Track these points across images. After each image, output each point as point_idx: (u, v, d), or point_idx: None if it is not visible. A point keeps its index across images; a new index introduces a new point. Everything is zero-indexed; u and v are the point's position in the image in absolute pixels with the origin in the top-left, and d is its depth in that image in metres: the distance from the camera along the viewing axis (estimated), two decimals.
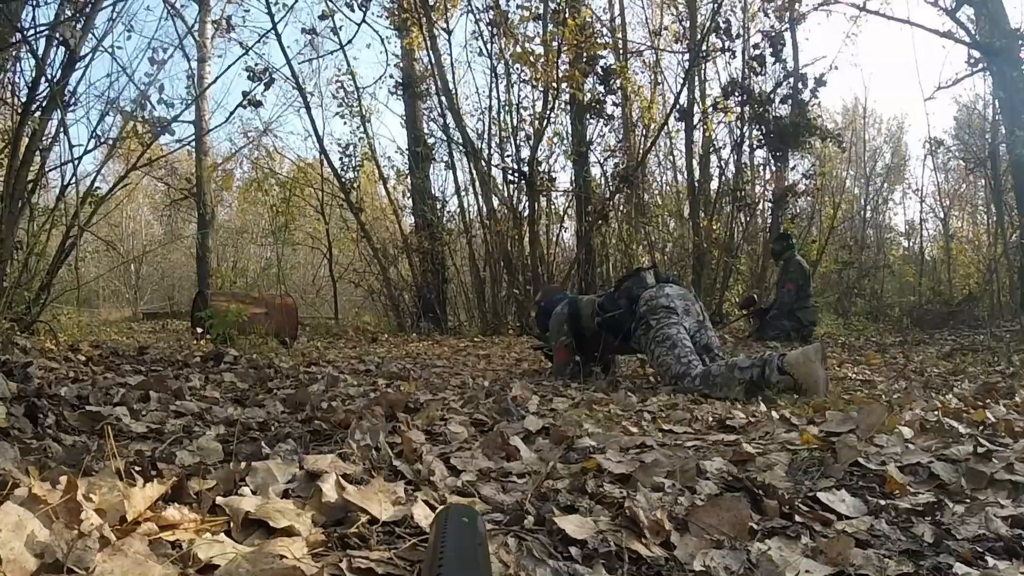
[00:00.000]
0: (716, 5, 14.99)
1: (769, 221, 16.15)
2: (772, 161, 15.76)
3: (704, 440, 2.86)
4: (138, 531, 1.42)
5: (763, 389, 4.68)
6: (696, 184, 15.95)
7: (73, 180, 7.63)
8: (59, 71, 7.19)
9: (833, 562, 1.57)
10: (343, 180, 15.20)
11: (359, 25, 12.19)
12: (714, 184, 16.11)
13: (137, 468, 1.95)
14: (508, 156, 14.57)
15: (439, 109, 15.53)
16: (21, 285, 6.64)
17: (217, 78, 11.59)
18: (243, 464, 2.05)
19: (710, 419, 3.46)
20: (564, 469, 2.30)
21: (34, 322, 6.54)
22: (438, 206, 16.07)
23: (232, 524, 1.58)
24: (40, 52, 7.13)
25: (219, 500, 1.68)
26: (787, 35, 15.73)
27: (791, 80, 15.41)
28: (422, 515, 1.68)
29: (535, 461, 2.46)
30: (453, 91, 15.03)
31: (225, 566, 1.31)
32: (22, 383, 3.27)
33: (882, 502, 1.99)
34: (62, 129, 7.46)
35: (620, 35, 17.23)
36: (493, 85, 14.70)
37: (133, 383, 4.02)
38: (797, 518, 1.84)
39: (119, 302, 26.85)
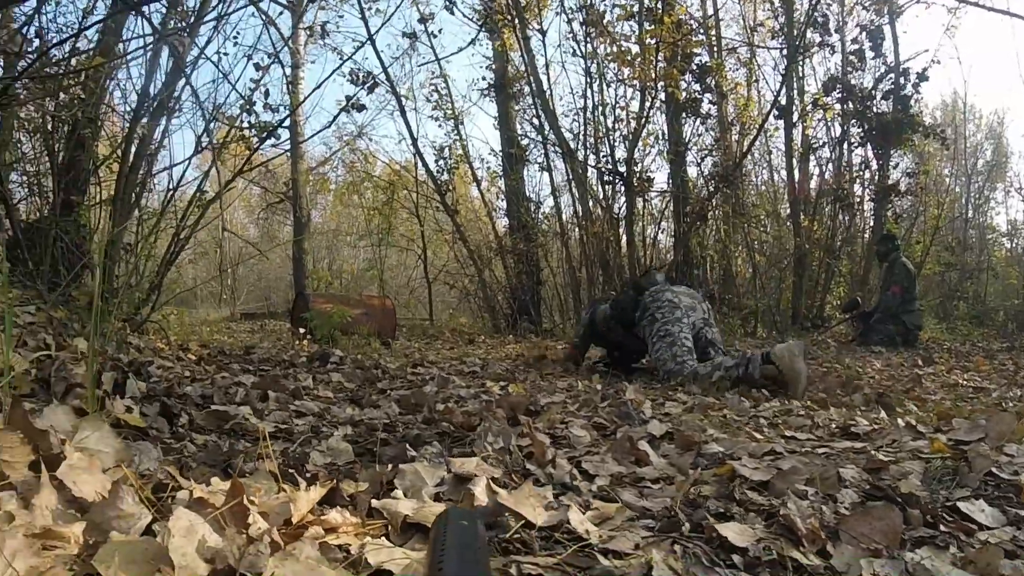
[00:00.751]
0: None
1: (871, 221, 15.82)
2: (874, 159, 15.39)
3: (831, 447, 2.81)
4: (306, 535, 1.42)
5: (747, 383, 5.17)
6: (795, 183, 15.69)
7: (179, 184, 7.79)
8: (166, 78, 7.34)
9: (983, 572, 1.54)
10: (438, 182, 15.27)
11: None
12: (813, 183, 15.85)
13: (291, 470, 1.96)
14: (604, 156, 14.47)
15: (533, 110, 15.52)
16: (131, 286, 6.75)
17: (320, 84, 11.68)
18: (389, 467, 2.07)
19: (833, 426, 3.40)
20: (699, 475, 2.28)
21: (144, 322, 6.65)
22: (532, 207, 16.10)
23: (390, 527, 1.59)
24: (148, 60, 7.28)
25: (375, 503, 1.69)
26: (886, 29, 15.41)
27: (892, 75, 15.05)
28: (578, 521, 1.67)
29: (666, 466, 2.45)
30: (547, 92, 14.94)
31: (400, 572, 1.31)
32: (148, 382, 3.33)
33: (1021, 512, 1.94)
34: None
35: (714, 32, 17.05)
36: (588, 85, 14.61)
37: (248, 383, 4.09)
38: (942, 527, 1.80)
39: (216, 302, 27.29)
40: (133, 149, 7.23)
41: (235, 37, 8.43)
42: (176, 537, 1.25)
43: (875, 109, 14.71)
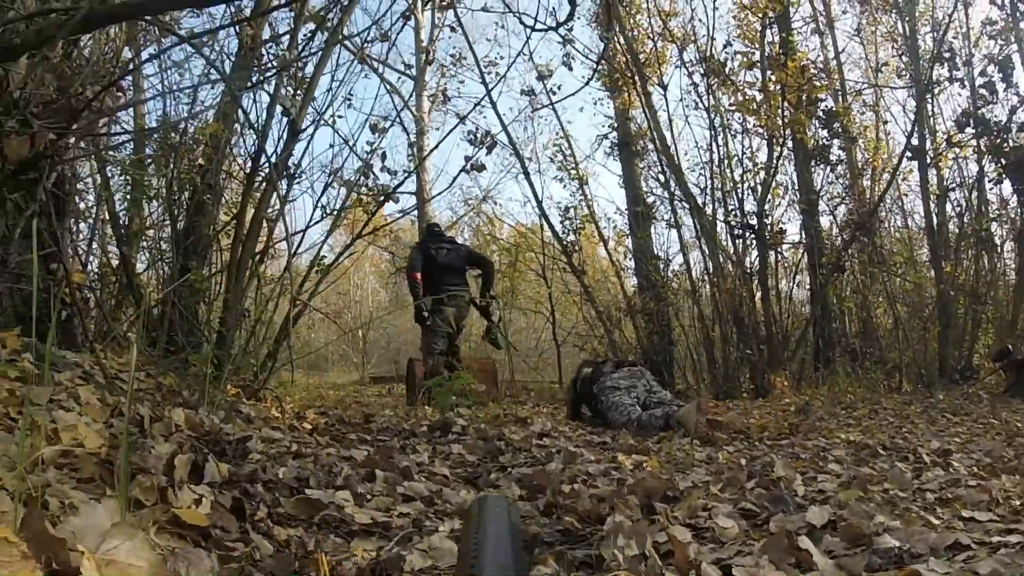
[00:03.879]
0: (939, 34, 14.24)
1: (1015, 262, 15.04)
2: (1017, 195, 14.60)
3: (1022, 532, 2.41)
4: None
5: (670, 428, 6.74)
6: (934, 227, 15.10)
7: (298, 251, 7.85)
8: (282, 143, 7.36)
9: None
10: (564, 243, 15.12)
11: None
12: (952, 225, 15.19)
13: None
14: (733, 210, 14.15)
15: (658, 166, 15.32)
16: (248, 353, 6.77)
17: (436, 146, 11.97)
18: None
19: (1015, 502, 2.99)
20: None
21: (259, 389, 6.56)
22: (661, 265, 15.79)
23: None
24: (261, 125, 7.33)
25: None
26: (1015, 57, 14.65)
27: None
28: None
29: (834, 571, 2.06)
30: (672, 147, 14.74)
31: None
32: (236, 463, 3.08)
33: None
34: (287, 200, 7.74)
35: (837, 76, 16.80)
36: (712, 138, 14.34)
37: (359, 459, 3.83)
38: None
39: (347, 366, 27.69)
40: (248, 216, 7.23)
41: (348, 99, 8.31)
42: None
43: (1010, 142, 13.99)
